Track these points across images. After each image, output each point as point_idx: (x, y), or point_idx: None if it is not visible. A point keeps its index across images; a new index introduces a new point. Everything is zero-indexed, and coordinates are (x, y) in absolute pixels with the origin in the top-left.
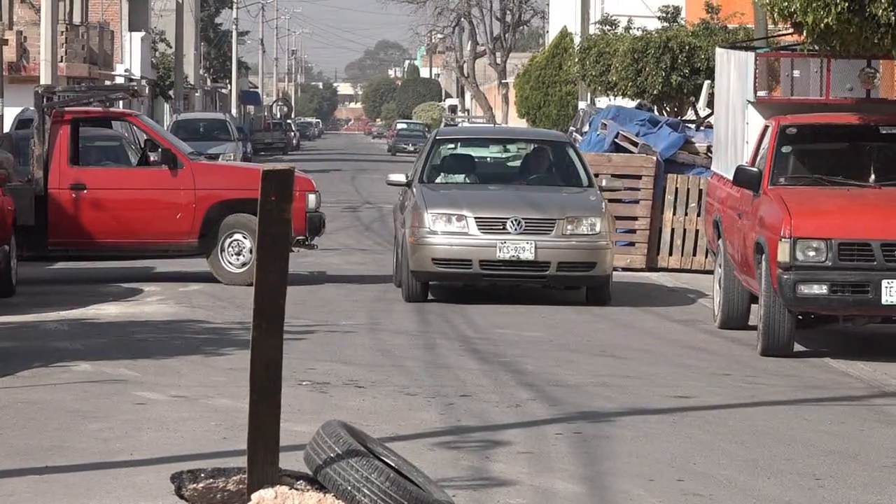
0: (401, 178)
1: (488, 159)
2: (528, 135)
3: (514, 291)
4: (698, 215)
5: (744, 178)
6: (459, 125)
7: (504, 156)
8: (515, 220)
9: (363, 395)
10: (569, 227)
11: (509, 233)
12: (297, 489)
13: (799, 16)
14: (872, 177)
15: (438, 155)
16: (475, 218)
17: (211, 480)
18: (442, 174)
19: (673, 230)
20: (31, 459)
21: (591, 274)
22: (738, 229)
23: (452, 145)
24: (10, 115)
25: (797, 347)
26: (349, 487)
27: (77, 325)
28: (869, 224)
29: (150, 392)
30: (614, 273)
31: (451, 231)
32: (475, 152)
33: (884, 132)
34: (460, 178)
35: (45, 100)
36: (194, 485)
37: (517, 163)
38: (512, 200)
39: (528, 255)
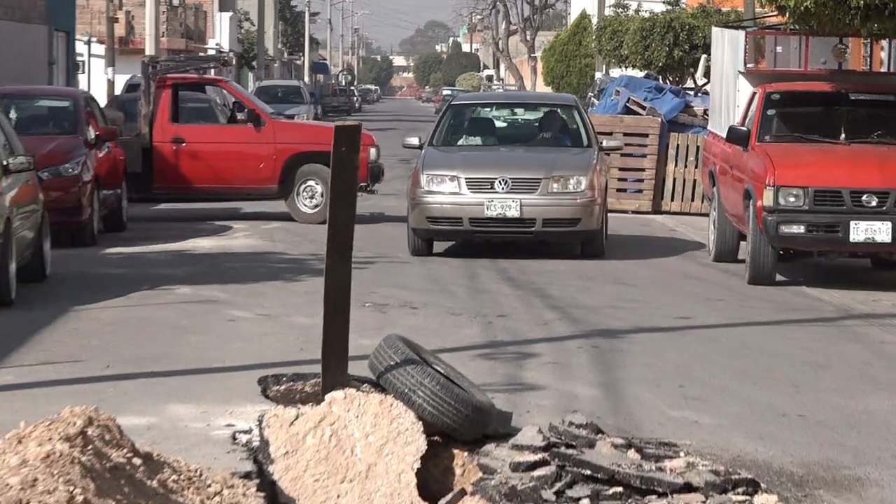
0: (415, 141)
1: (497, 123)
2: (537, 99)
3: (536, 246)
4: (696, 167)
5: (735, 136)
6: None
7: (514, 119)
8: (503, 180)
9: (416, 315)
10: (554, 185)
11: (497, 192)
12: (362, 391)
13: (782, 0)
14: (843, 135)
15: (452, 119)
16: (466, 178)
17: (291, 383)
18: (454, 137)
19: (675, 180)
20: (141, 365)
21: (576, 229)
22: (730, 179)
23: (467, 110)
24: (120, 81)
25: (778, 277)
26: (406, 390)
27: (177, 255)
28: (840, 175)
29: (239, 311)
30: (626, 214)
31: (444, 191)
32: (489, 116)
33: (853, 98)
34: (472, 140)
35: (150, 68)
36: (277, 387)
37: (525, 125)
38: (502, 161)
39: (513, 212)
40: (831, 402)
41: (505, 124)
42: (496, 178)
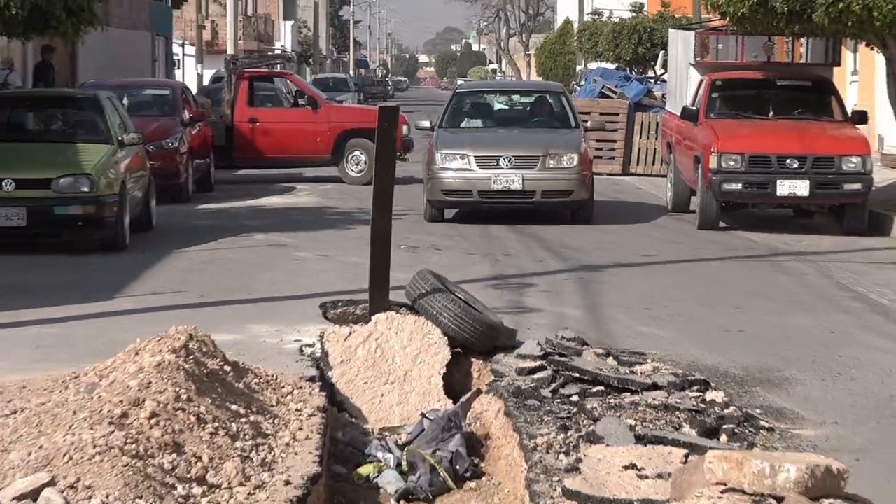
0: (426, 123)
1: (496, 107)
2: (529, 86)
3: (533, 213)
4: (656, 139)
5: (687, 114)
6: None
7: (509, 104)
8: (507, 158)
9: (441, 255)
10: (551, 161)
11: (502, 168)
12: (400, 314)
13: (724, 7)
14: (771, 113)
15: (457, 104)
16: (475, 156)
17: (345, 308)
18: (459, 119)
19: (639, 149)
20: (228, 295)
21: (569, 199)
22: (683, 148)
23: (470, 96)
24: (207, 74)
25: (721, 224)
26: (434, 312)
27: (254, 209)
28: (768, 143)
29: (303, 252)
30: (602, 176)
31: (456, 167)
32: (487, 101)
33: (778, 84)
34: (475, 122)
35: (231, 64)
36: (334, 311)
37: (520, 109)
38: (505, 141)
39: (517, 185)
40: (765, 320)
41: (503, 108)
42: (501, 156)
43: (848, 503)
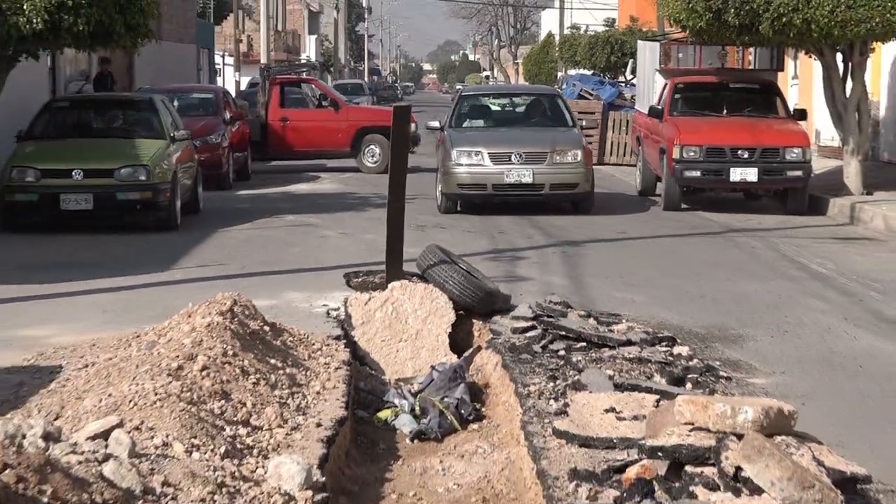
0: (436, 123)
1: (498, 108)
2: (527, 90)
3: (537, 205)
4: (627, 134)
5: (654, 112)
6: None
7: (510, 106)
8: (518, 154)
9: (445, 232)
10: (557, 157)
11: (514, 163)
12: (412, 282)
13: (684, 21)
14: (725, 111)
15: (463, 106)
16: (488, 153)
17: (365, 277)
18: (466, 120)
19: (612, 142)
20: (264, 266)
21: (574, 192)
22: (650, 141)
23: (474, 99)
24: (244, 81)
25: (683, 205)
26: (441, 280)
27: (285, 195)
28: (723, 137)
29: (327, 230)
30: None
31: (471, 163)
32: (489, 103)
33: (731, 86)
34: (479, 122)
35: (265, 72)
36: (356, 279)
37: (520, 110)
38: (515, 139)
39: (527, 179)
40: (721, 287)
41: (505, 109)
42: (513, 152)
43: (797, 440)
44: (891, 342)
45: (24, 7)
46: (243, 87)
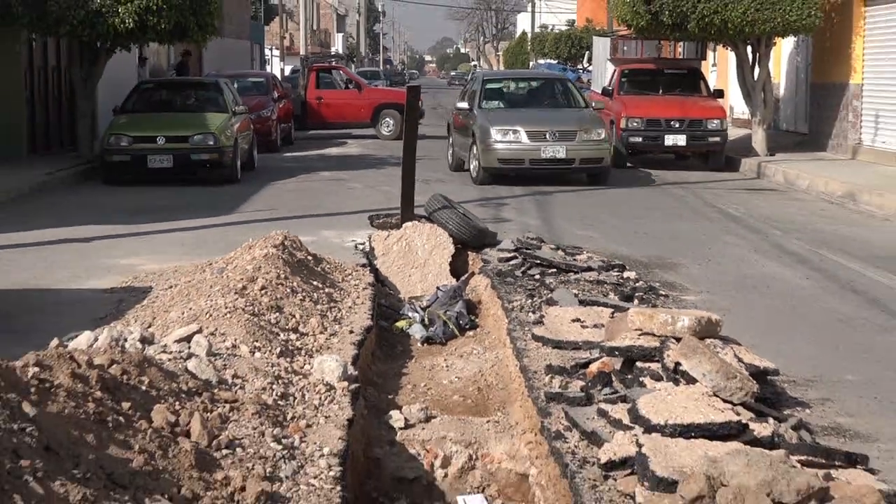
0: (465, 105)
1: (517, 90)
2: (540, 75)
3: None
4: None
5: (605, 92)
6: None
7: (528, 88)
8: (552, 132)
9: (445, 185)
10: (585, 135)
11: (548, 140)
12: (421, 222)
13: (629, 21)
14: (660, 90)
15: (487, 89)
16: (526, 131)
17: (385, 219)
18: (492, 101)
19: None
20: (306, 211)
21: (599, 166)
22: (603, 114)
23: (495, 83)
24: (287, 69)
25: (628, 164)
26: (443, 221)
27: (320, 156)
28: (659, 111)
29: (354, 183)
30: None
31: (509, 140)
32: (510, 86)
33: (665, 71)
34: (504, 103)
35: (304, 61)
36: (377, 221)
37: (537, 92)
38: (547, 119)
39: (561, 154)
40: (659, 227)
41: (522, 91)
42: (547, 131)
43: (722, 342)
44: (789, 268)
45: (119, 10)
46: (287, 73)
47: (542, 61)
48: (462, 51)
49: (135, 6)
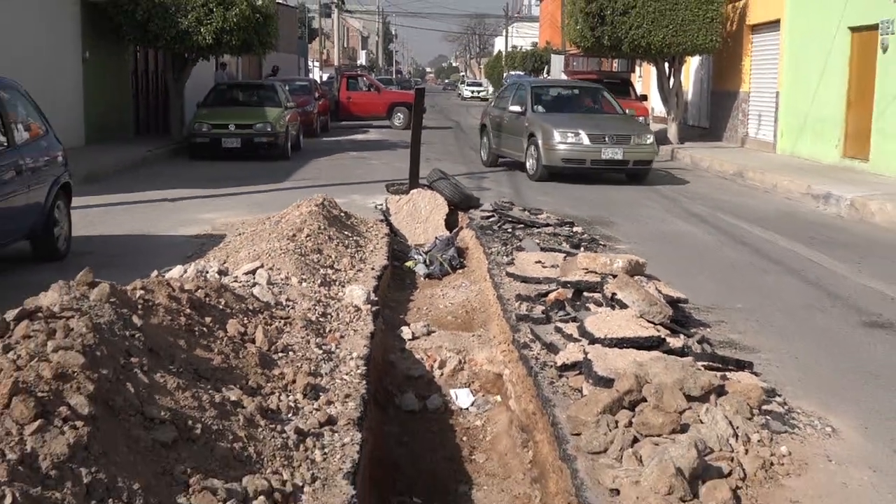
0: (517, 108)
1: (562, 97)
2: (578, 84)
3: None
4: None
5: None
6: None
7: (571, 96)
8: (610, 136)
9: (442, 163)
10: (637, 139)
11: (607, 143)
12: (424, 189)
13: (578, 43)
14: None
15: (536, 95)
16: (587, 134)
17: (397, 186)
18: (543, 105)
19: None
20: (340, 180)
21: (648, 167)
22: None
23: (543, 90)
24: (325, 76)
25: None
26: (440, 189)
27: (349, 141)
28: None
29: (375, 161)
30: None
31: (572, 142)
32: (554, 93)
33: (605, 80)
34: (551, 108)
35: (337, 70)
36: (392, 188)
37: (579, 99)
38: (603, 123)
39: (618, 156)
40: (598, 194)
41: (566, 98)
42: (606, 134)
43: (646, 279)
44: (695, 227)
45: (201, 30)
46: (324, 79)
47: (513, 73)
48: (454, 64)
49: (213, 27)
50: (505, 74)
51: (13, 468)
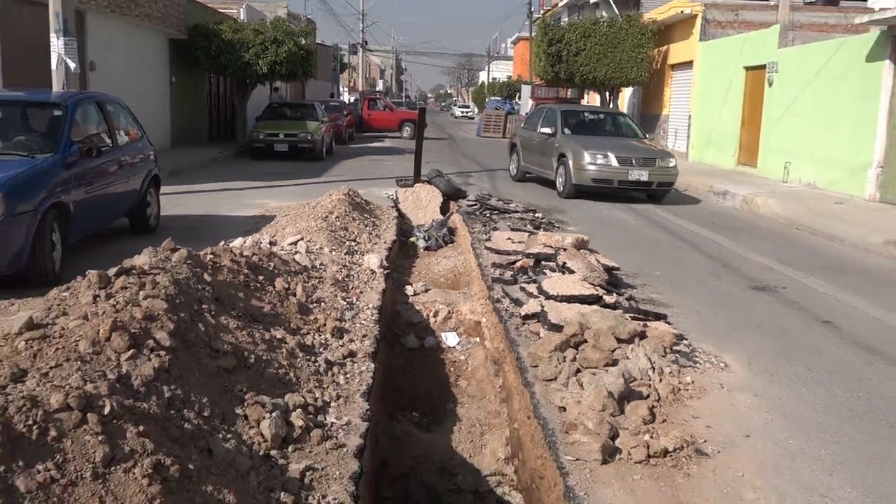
0: (548, 129)
1: (590, 121)
2: (604, 110)
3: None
4: (514, 124)
5: (527, 114)
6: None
7: (598, 120)
8: (637, 158)
9: (438, 164)
10: (661, 162)
11: (634, 165)
12: (424, 184)
13: (542, 76)
14: None
15: (566, 119)
16: (616, 156)
17: (405, 182)
18: (572, 129)
19: (509, 128)
20: (361, 176)
21: (669, 189)
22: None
23: (572, 115)
24: (352, 98)
25: None
26: (437, 183)
27: (368, 147)
28: None
29: (388, 162)
30: (493, 138)
31: (601, 163)
32: (584, 118)
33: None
34: (582, 131)
35: (361, 94)
36: (400, 183)
37: (605, 124)
38: (630, 147)
39: (644, 178)
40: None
41: (594, 122)
42: (633, 157)
43: (589, 251)
44: (626, 214)
45: (259, 63)
46: (351, 100)
47: (493, 98)
48: (449, 91)
49: (268, 60)
50: (487, 99)
51: (112, 385)
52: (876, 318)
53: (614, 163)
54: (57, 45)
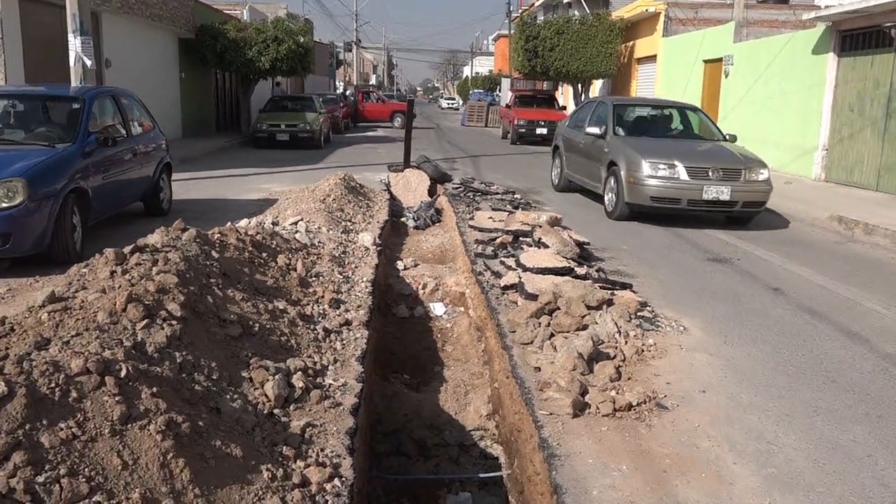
0: (595, 130)
1: (651, 118)
2: (670, 103)
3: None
4: (496, 114)
5: (507, 106)
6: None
7: (661, 117)
8: (715, 170)
9: (426, 150)
10: (749, 175)
11: (711, 179)
12: (413, 169)
13: (520, 69)
14: (535, 105)
15: (618, 115)
16: (685, 167)
17: (396, 167)
18: (628, 129)
19: (491, 117)
20: (356, 163)
21: (759, 210)
22: (506, 118)
23: (625, 109)
24: (348, 92)
25: (518, 142)
26: (425, 168)
27: (363, 136)
28: (534, 115)
29: (381, 150)
30: (478, 127)
31: (665, 177)
32: (642, 114)
33: (538, 96)
34: (638, 132)
35: (356, 88)
36: (392, 168)
37: (672, 121)
38: (705, 153)
39: (725, 196)
40: (533, 174)
41: (656, 119)
42: (710, 168)
43: (562, 228)
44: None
45: (262, 59)
46: (347, 93)
47: (476, 91)
48: (436, 85)
49: (269, 57)
50: (471, 92)
51: (128, 351)
52: (820, 286)
53: (683, 175)
54: (74, 44)
